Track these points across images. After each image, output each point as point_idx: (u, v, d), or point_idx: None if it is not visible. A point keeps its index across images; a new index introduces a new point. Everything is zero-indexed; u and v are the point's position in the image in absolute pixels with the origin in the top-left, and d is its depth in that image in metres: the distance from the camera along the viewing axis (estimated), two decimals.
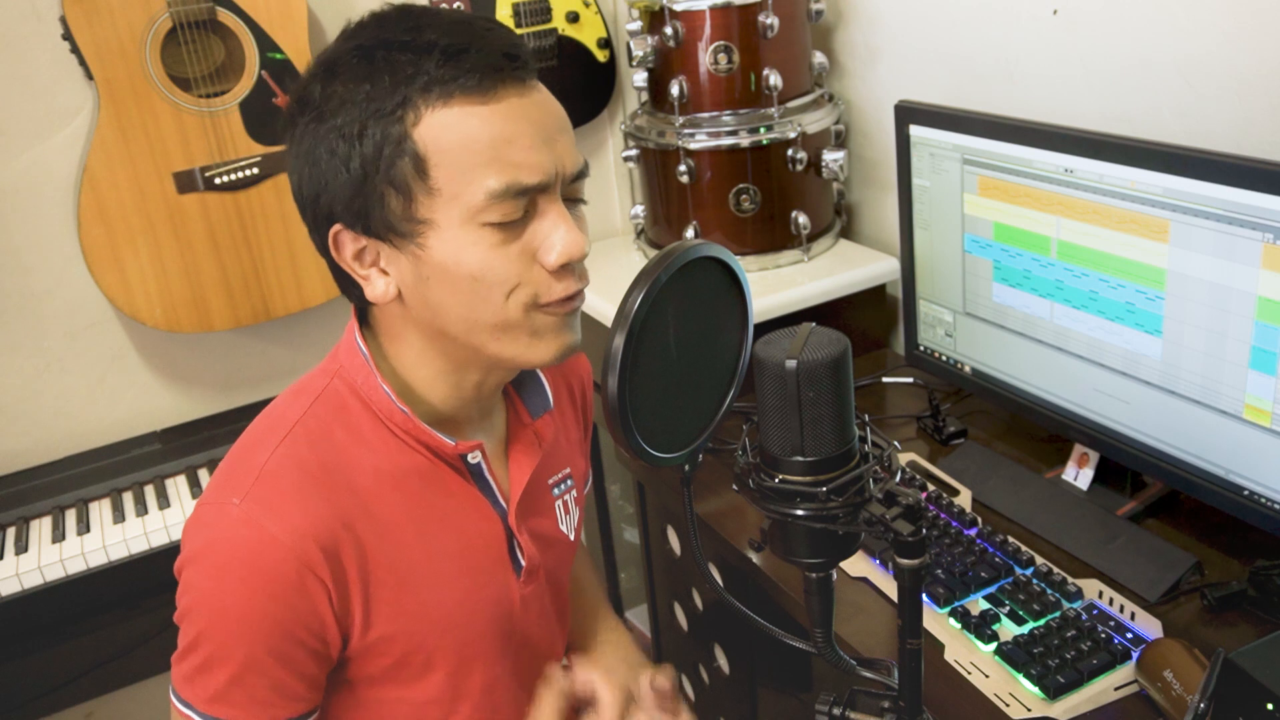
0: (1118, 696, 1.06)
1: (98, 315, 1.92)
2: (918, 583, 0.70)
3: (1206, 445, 1.18)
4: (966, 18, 1.63)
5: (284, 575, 0.88)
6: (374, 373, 0.95)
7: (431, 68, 0.84)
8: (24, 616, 1.68)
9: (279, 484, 0.90)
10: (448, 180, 0.85)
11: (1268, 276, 1.07)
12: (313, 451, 0.93)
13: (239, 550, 0.88)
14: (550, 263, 0.89)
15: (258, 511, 0.88)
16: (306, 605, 0.90)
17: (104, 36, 1.69)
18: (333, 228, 0.90)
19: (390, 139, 0.85)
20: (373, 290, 0.91)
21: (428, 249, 0.88)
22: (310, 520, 0.89)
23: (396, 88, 0.85)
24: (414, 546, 0.96)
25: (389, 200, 0.87)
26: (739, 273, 0.78)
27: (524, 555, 1.04)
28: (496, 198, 0.86)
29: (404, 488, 0.96)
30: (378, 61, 0.86)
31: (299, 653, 0.91)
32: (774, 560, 1.35)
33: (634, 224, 2.03)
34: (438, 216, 0.87)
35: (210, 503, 0.91)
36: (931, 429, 1.57)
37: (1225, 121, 1.31)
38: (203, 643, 0.89)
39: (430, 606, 0.97)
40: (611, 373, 0.69)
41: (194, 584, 0.90)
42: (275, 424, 0.95)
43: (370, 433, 0.95)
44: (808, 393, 0.68)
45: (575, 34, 2.05)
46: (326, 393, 0.96)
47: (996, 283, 1.41)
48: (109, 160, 1.74)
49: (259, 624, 0.88)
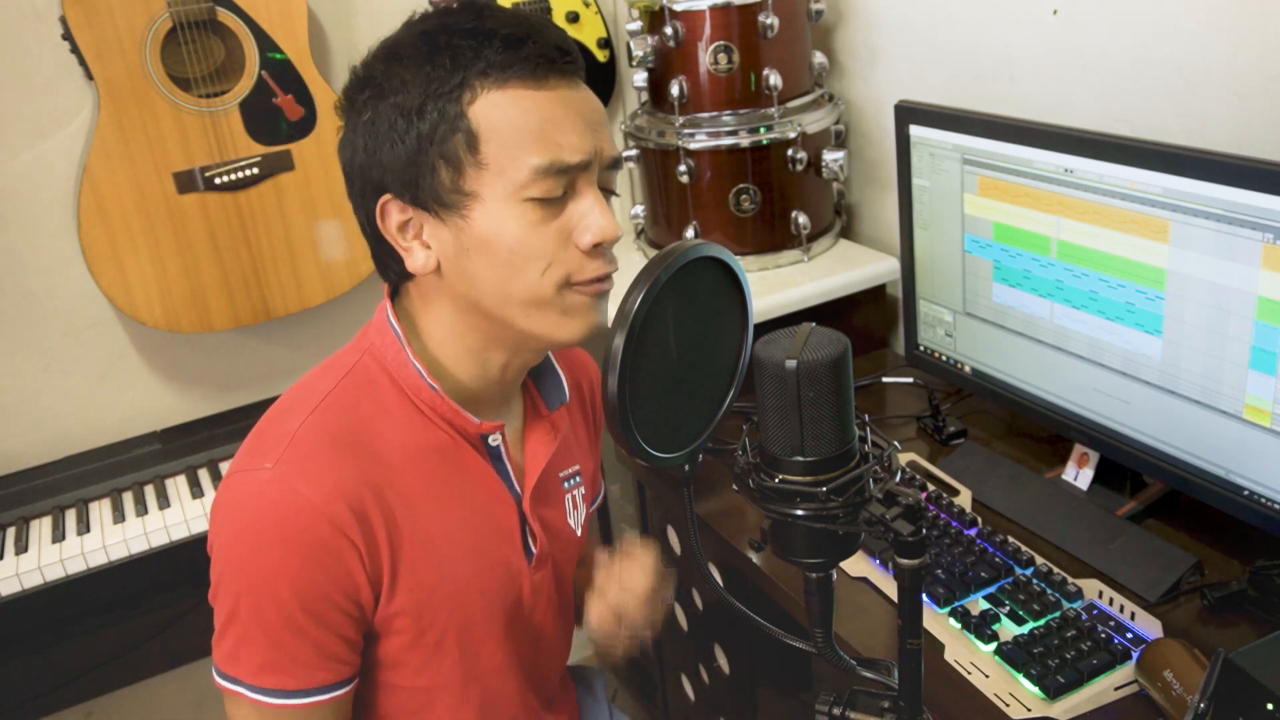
0: (1118, 696, 1.06)
1: (98, 315, 1.92)
2: (918, 583, 0.70)
3: (1206, 445, 1.18)
4: (966, 18, 1.63)
5: (318, 535, 0.90)
6: (404, 349, 0.98)
7: (491, 54, 0.90)
8: (24, 616, 1.68)
9: (310, 449, 0.93)
10: (496, 155, 0.90)
11: (1268, 276, 1.07)
12: (341, 421, 0.96)
13: (272, 511, 0.90)
14: (585, 243, 0.93)
15: (290, 473, 0.91)
16: (340, 566, 0.92)
17: (104, 36, 1.69)
18: (382, 198, 0.94)
19: (447, 115, 0.90)
20: (413, 261, 0.95)
21: (471, 220, 0.92)
22: (341, 483, 0.92)
23: (457, 69, 0.90)
24: (432, 519, 0.99)
25: (440, 171, 0.91)
26: (739, 273, 0.78)
27: (535, 542, 1.07)
28: (540, 174, 0.91)
29: (426, 463, 0.99)
30: (440, 45, 0.91)
31: (335, 615, 0.93)
32: (774, 560, 1.35)
33: (634, 224, 2.03)
34: (484, 190, 0.91)
35: (241, 470, 0.94)
36: (931, 429, 1.57)
37: (1225, 121, 1.31)
38: (241, 611, 0.91)
39: (445, 579, 1.00)
40: (611, 373, 0.69)
41: (228, 549, 0.92)
42: (306, 395, 0.98)
43: (397, 408, 0.99)
44: (808, 393, 0.68)
45: (575, 34, 2.05)
46: (357, 368, 1.00)
47: (996, 283, 1.41)
48: (109, 160, 1.74)
49: (295, 584, 0.90)
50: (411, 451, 0.98)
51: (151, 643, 1.98)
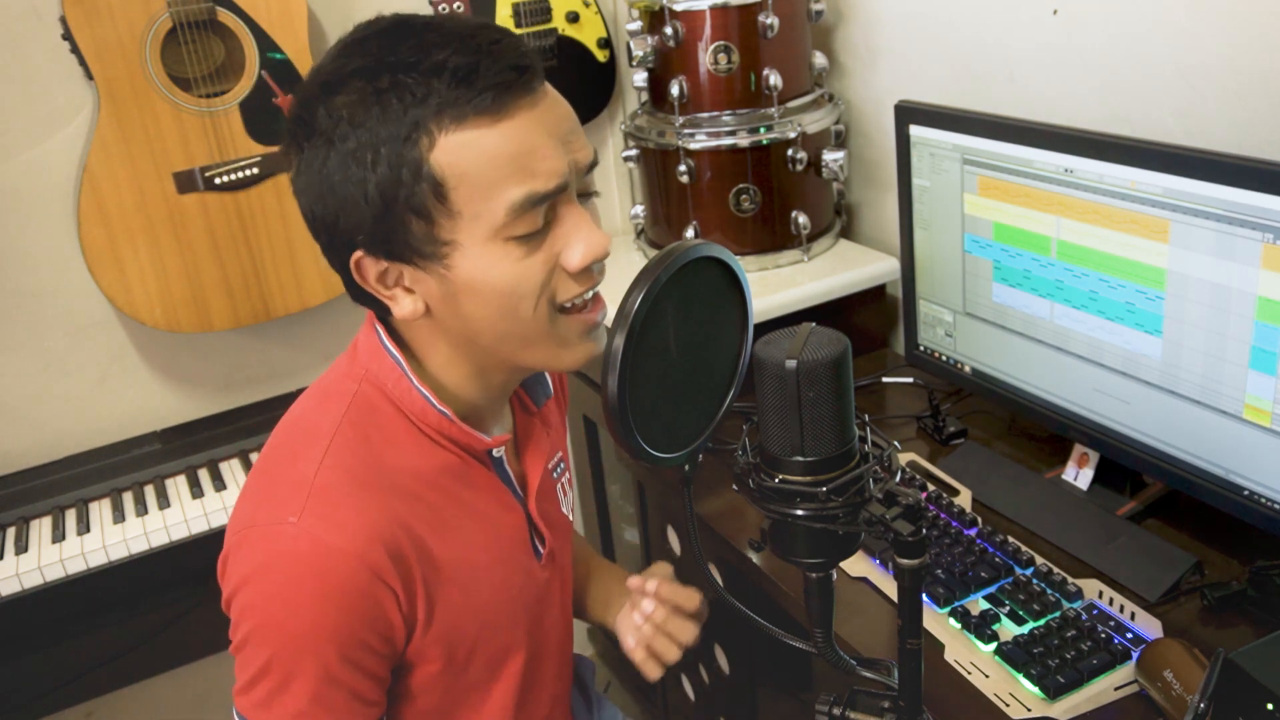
0: (1118, 696, 1.06)
1: (98, 315, 1.92)
2: (918, 583, 0.70)
3: (1206, 445, 1.18)
4: (966, 18, 1.63)
5: (355, 585, 0.87)
6: (406, 375, 0.95)
7: (443, 89, 0.83)
8: (24, 616, 1.68)
9: (333, 495, 0.89)
10: (468, 201, 0.85)
11: (1268, 276, 1.07)
12: (356, 457, 0.92)
13: (306, 567, 0.86)
14: (575, 265, 0.89)
15: (318, 526, 0.87)
16: (377, 611, 0.89)
17: (104, 36, 1.69)
18: (354, 254, 0.88)
19: (407, 165, 0.83)
20: (400, 309, 0.91)
21: (454, 269, 0.87)
22: (372, 525, 0.88)
23: (407, 111, 0.83)
24: (455, 543, 0.97)
25: (411, 225, 0.86)
26: (739, 273, 0.78)
27: (543, 542, 1.07)
28: (518, 211, 0.85)
29: (438, 485, 0.96)
30: (384, 84, 0.83)
31: (370, 659, 0.91)
32: (774, 560, 1.35)
33: (634, 224, 2.03)
34: (460, 237, 0.86)
35: (260, 524, 0.89)
36: (931, 429, 1.57)
37: (1225, 121, 1.31)
38: (275, 665, 0.88)
39: (472, 599, 0.98)
40: (611, 373, 0.69)
41: (258, 606, 0.88)
42: (311, 434, 0.93)
43: (404, 435, 0.95)
44: (808, 393, 0.68)
45: (575, 34, 2.05)
46: (358, 398, 0.95)
47: (996, 283, 1.41)
48: (109, 160, 1.74)
49: (333, 637, 0.87)
50: (425, 478, 0.95)
51: (151, 643, 1.98)
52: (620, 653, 1.24)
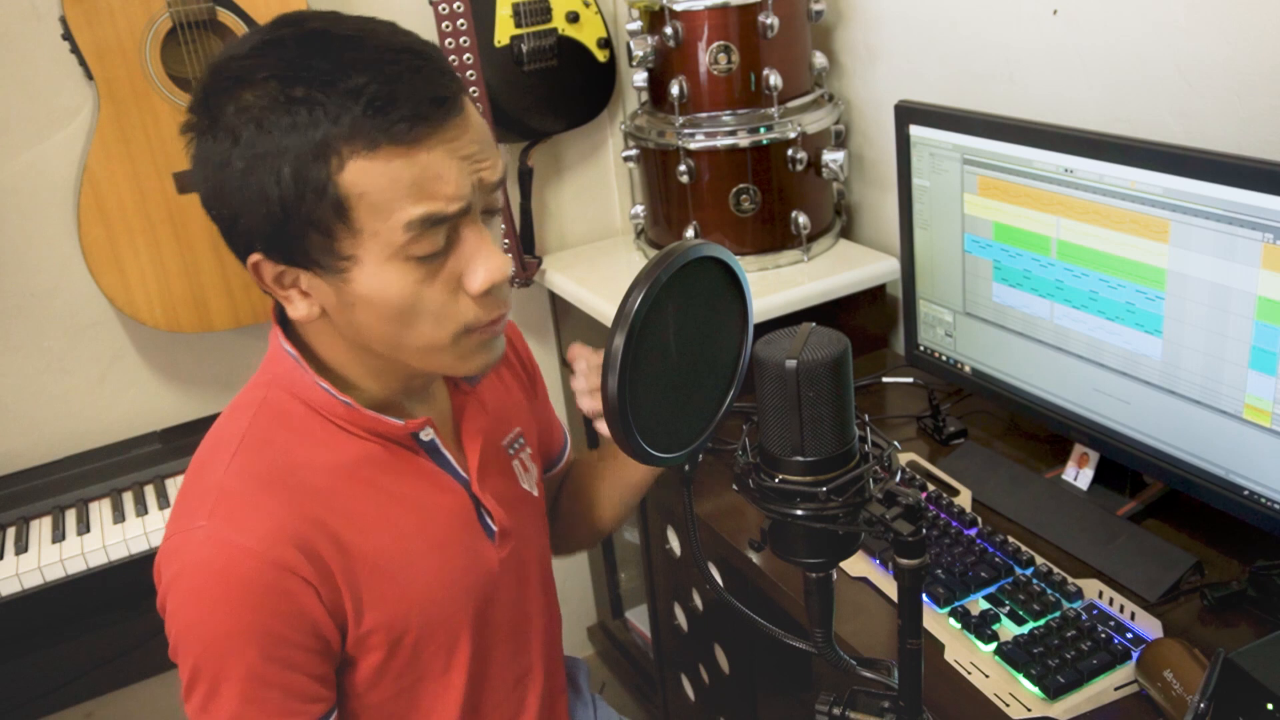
0: (1118, 696, 1.06)
1: (98, 315, 1.92)
2: (918, 583, 0.70)
3: (1206, 445, 1.18)
4: (966, 18, 1.63)
5: (264, 583, 0.88)
6: (307, 372, 0.96)
7: (358, 113, 0.81)
8: (24, 616, 1.68)
9: (239, 497, 0.91)
10: (369, 219, 0.85)
11: (1268, 276, 1.07)
12: (262, 460, 0.93)
13: (212, 570, 0.88)
14: (475, 289, 0.89)
15: (224, 528, 0.89)
16: (293, 608, 0.90)
17: (104, 36, 1.69)
18: (251, 256, 0.89)
19: (311, 183, 0.83)
20: (295, 310, 0.92)
21: (351, 281, 0.88)
22: (278, 524, 0.90)
23: (317, 126, 0.82)
24: (383, 533, 0.97)
25: (310, 237, 0.86)
26: (739, 273, 0.78)
27: (494, 520, 1.06)
28: (417, 231, 0.85)
29: (361, 477, 0.97)
30: (298, 94, 0.82)
31: (299, 655, 0.91)
32: (774, 560, 1.35)
33: (634, 224, 2.03)
34: (360, 253, 0.86)
35: (176, 532, 0.92)
36: (931, 429, 1.57)
37: (1225, 121, 1.31)
38: (202, 671, 0.89)
39: (409, 588, 0.98)
40: (611, 372, 0.69)
41: (177, 614, 0.90)
42: (220, 442, 0.96)
43: (317, 431, 0.96)
44: (808, 393, 0.68)
45: (575, 34, 2.05)
46: (264, 403, 0.97)
47: (996, 283, 1.41)
48: (109, 160, 1.74)
49: (250, 636, 0.88)
50: (342, 470, 0.96)
51: (151, 643, 1.98)
52: (619, 653, 1.23)
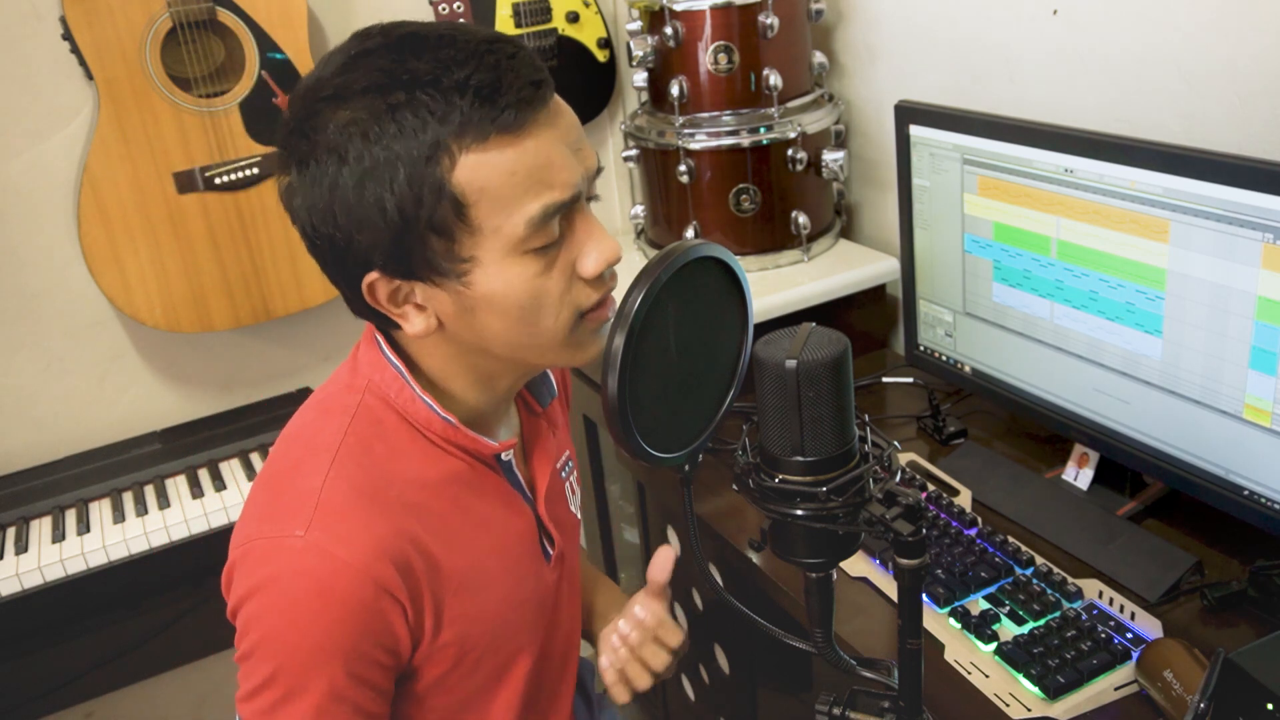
0: (1118, 696, 1.06)
1: (98, 315, 1.92)
2: (918, 583, 0.70)
3: (1206, 445, 1.18)
4: (966, 18, 1.63)
5: (362, 600, 0.87)
6: (409, 384, 0.94)
7: (465, 108, 0.81)
8: (24, 616, 1.68)
9: (339, 509, 0.88)
10: (488, 216, 0.84)
11: (1268, 276, 1.07)
12: (362, 470, 0.91)
13: (312, 582, 0.86)
14: (590, 272, 0.89)
15: (325, 539, 0.86)
16: (383, 625, 0.89)
17: (104, 36, 1.69)
18: (367, 276, 0.87)
19: (429, 184, 0.82)
20: (412, 327, 0.90)
21: (472, 284, 0.87)
22: (378, 539, 0.88)
23: (427, 128, 0.81)
24: (466, 550, 0.96)
25: (430, 243, 0.85)
26: (739, 273, 0.78)
27: (552, 543, 1.07)
28: (537, 224, 0.85)
29: (447, 494, 0.96)
30: (400, 99, 0.82)
31: (376, 672, 0.90)
32: (774, 560, 1.35)
33: (634, 224, 2.03)
34: (480, 253, 0.85)
35: (266, 536, 0.89)
36: (931, 429, 1.57)
37: (1225, 121, 1.31)
38: (280, 678, 0.88)
39: (485, 605, 0.98)
40: (611, 372, 0.69)
41: (263, 619, 0.88)
42: (315, 447, 0.93)
43: (409, 444, 0.95)
44: (808, 393, 0.68)
45: (575, 34, 2.05)
46: (361, 409, 0.95)
47: (996, 283, 1.41)
48: (109, 160, 1.74)
49: (339, 652, 0.87)
50: (433, 486, 0.95)
51: (151, 643, 1.98)
52: None
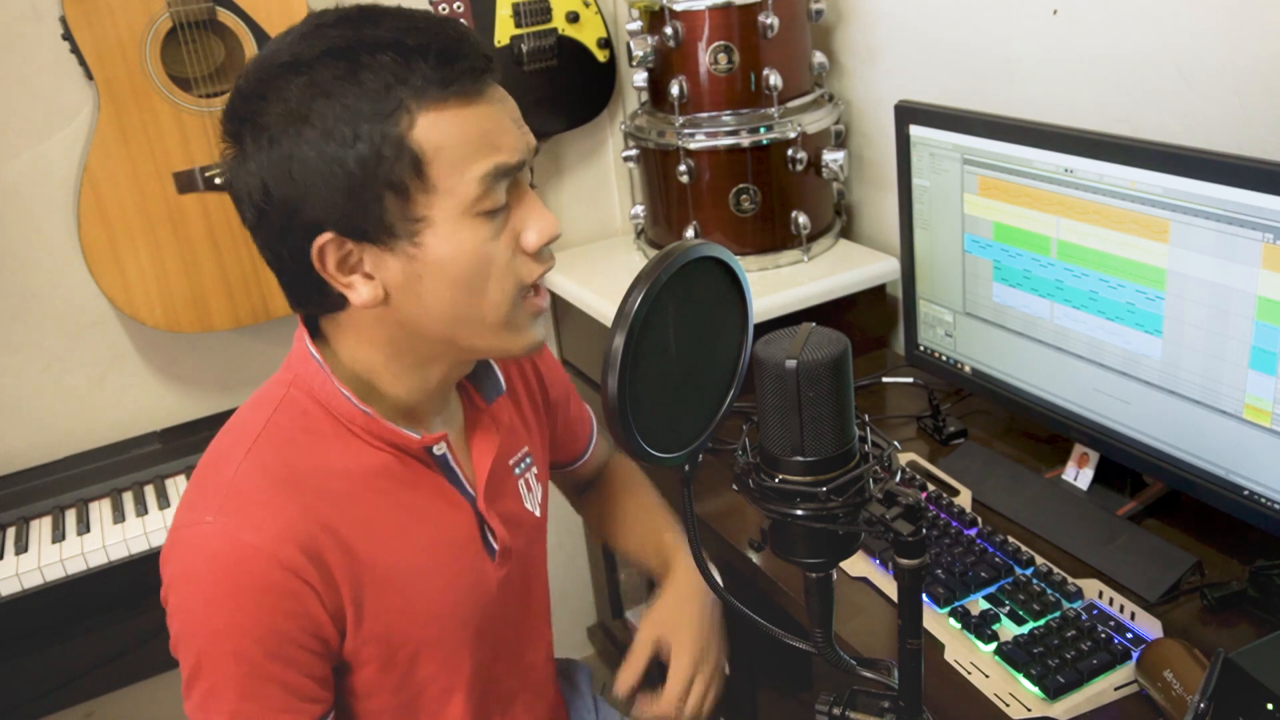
0: (1118, 696, 1.07)
1: (98, 315, 1.92)
2: (918, 583, 0.70)
3: (1206, 445, 1.18)
4: (966, 17, 1.63)
5: (271, 582, 0.88)
6: (330, 378, 0.96)
7: (426, 70, 0.86)
8: (24, 616, 1.68)
9: (249, 494, 0.91)
10: (443, 176, 0.88)
11: (1268, 276, 1.07)
12: (278, 458, 0.93)
13: (219, 565, 0.88)
14: (533, 245, 0.93)
15: (232, 524, 0.89)
16: (297, 607, 0.90)
17: (104, 36, 1.69)
18: (319, 238, 0.88)
19: (389, 142, 0.86)
20: (358, 296, 0.91)
21: (424, 246, 0.89)
22: (286, 524, 0.90)
23: (388, 89, 0.85)
24: (391, 543, 0.97)
25: (386, 202, 0.87)
26: (739, 273, 0.78)
27: (496, 539, 1.06)
28: (488, 183, 0.89)
29: (374, 486, 0.97)
30: (362, 64, 0.86)
31: (301, 655, 0.92)
32: (774, 560, 1.35)
33: (634, 224, 2.03)
34: (434, 213, 0.89)
35: (184, 525, 0.92)
36: (931, 429, 1.57)
37: (1225, 121, 1.31)
38: (204, 665, 0.90)
39: (413, 601, 0.98)
40: (611, 373, 0.68)
41: (181, 607, 0.91)
42: (237, 437, 0.96)
43: (333, 436, 0.97)
44: (808, 393, 0.68)
45: (575, 34, 2.05)
46: (285, 401, 0.97)
47: (996, 283, 1.41)
48: (109, 160, 1.74)
49: (253, 633, 0.89)
50: (357, 478, 0.96)
51: (151, 643, 1.98)
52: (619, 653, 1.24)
